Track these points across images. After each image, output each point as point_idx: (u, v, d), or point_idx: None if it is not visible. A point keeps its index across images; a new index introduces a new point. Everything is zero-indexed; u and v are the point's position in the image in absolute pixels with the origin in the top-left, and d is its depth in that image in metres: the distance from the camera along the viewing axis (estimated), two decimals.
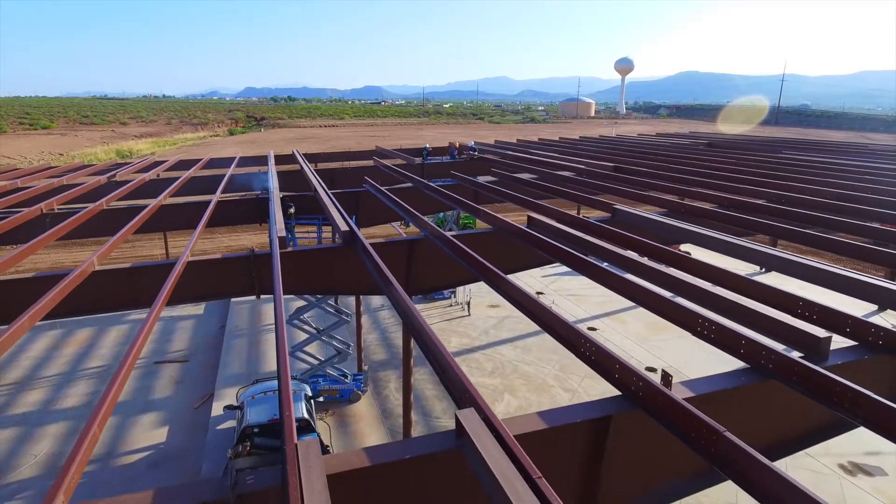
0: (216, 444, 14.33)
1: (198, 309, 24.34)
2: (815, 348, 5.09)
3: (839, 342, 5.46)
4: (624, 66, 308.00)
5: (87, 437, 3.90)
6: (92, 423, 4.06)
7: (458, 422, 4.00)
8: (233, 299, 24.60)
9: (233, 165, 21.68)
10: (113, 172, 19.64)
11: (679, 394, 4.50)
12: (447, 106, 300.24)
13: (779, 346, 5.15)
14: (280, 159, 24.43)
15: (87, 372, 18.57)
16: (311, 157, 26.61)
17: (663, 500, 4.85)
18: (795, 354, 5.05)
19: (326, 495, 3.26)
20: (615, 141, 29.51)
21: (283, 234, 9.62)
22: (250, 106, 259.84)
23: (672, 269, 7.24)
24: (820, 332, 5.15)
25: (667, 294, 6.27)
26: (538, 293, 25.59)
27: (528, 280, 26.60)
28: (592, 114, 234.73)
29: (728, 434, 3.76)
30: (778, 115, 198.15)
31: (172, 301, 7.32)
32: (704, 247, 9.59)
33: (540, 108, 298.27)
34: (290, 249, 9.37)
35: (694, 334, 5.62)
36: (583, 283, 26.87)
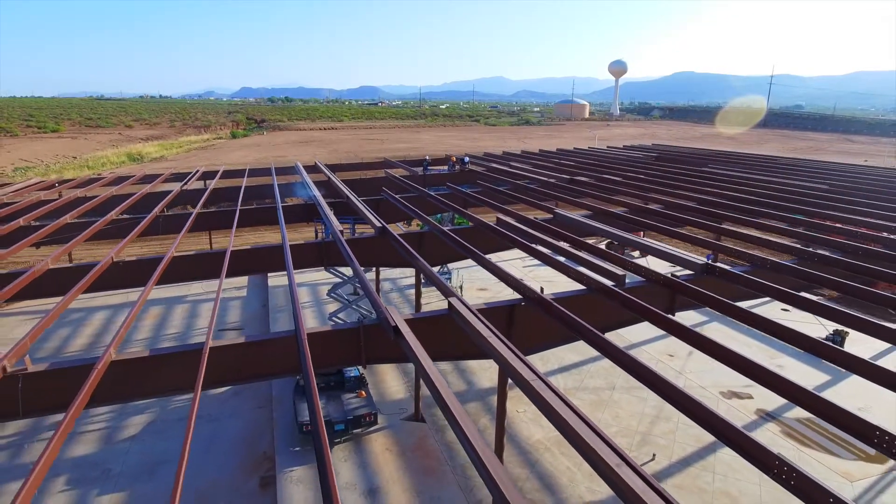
0: (281, 380, 19.87)
1: (241, 292, 29.89)
2: (617, 280, 10.73)
3: (638, 279, 11.13)
4: (618, 68, 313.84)
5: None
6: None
7: (449, 303, 9.63)
8: (269, 284, 30.20)
9: (274, 175, 27.22)
10: (185, 181, 25.17)
11: (547, 296, 10.14)
12: (444, 107, 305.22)
13: (604, 280, 10.80)
14: (308, 169, 30.02)
15: (167, 336, 24.11)
16: (332, 167, 32.22)
17: (543, 349, 10.51)
18: (608, 283, 10.70)
19: (405, 323, 8.85)
20: (582, 154, 35.23)
21: (341, 227, 15.22)
22: (249, 107, 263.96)
23: (570, 247, 12.90)
24: (619, 272, 10.79)
25: (560, 258, 11.93)
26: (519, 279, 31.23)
27: (510, 270, 32.23)
28: (586, 115, 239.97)
29: (555, 304, 9.40)
30: (767, 118, 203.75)
31: (305, 265, 12.95)
32: (611, 238, 15.27)
33: (535, 108, 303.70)
34: (347, 238, 14.96)
35: (567, 276, 11.29)
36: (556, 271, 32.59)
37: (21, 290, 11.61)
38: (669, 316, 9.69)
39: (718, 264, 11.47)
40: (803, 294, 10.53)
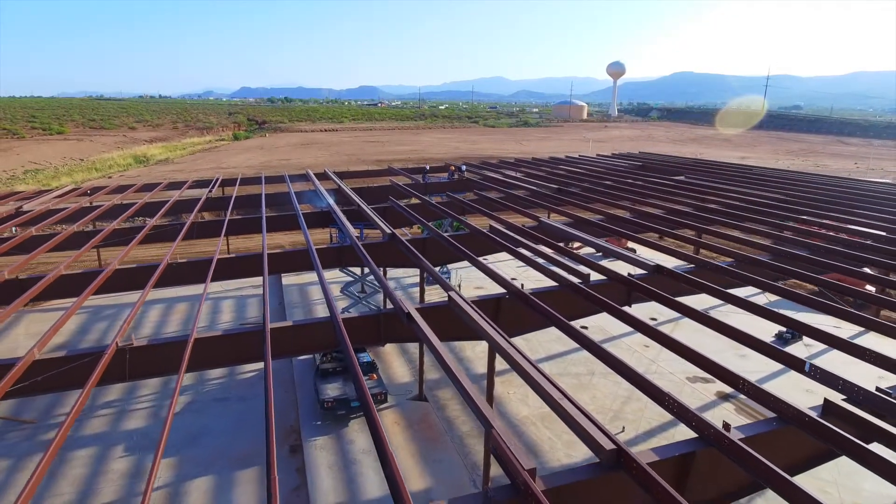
0: (301, 367, 22.51)
1: (257, 290, 32.53)
2: (583, 278, 13.38)
3: (601, 277, 13.80)
4: (616, 69, 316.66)
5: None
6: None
7: (448, 296, 12.30)
8: (283, 283, 32.87)
9: (289, 183, 29.85)
10: (210, 188, 27.81)
11: (527, 291, 12.80)
12: (443, 107, 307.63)
13: (573, 278, 13.46)
14: (318, 176, 32.67)
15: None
16: (340, 175, 34.88)
17: (523, 333, 13.19)
18: (576, 280, 13.37)
19: (416, 311, 11.51)
20: (571, 162, 37.93)
21: (356, 233, 17.85)
22: (249, 108, 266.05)
23: (548, 249, 15.56)
24: (586, 271, 13.43)
25: (540, 260, 14.59)
26: (512, 279, 33.91)
27: (506, 270, 34.88)
28: (584, 116, 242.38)
29: (531, 297, 12.07)
30: (764, 120, 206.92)
31: (325, 266, 15.57)
32: (584, 244, 17.95)
33: (534, 110, 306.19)
34: (361, 242, 17.61)
35: (543, 275, 13.95)
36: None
37: (99, 287, 14.25)
38: (624, 308, 12.34)
39: (666, 265, 14.14)
40: (731, 291, 13.19)
